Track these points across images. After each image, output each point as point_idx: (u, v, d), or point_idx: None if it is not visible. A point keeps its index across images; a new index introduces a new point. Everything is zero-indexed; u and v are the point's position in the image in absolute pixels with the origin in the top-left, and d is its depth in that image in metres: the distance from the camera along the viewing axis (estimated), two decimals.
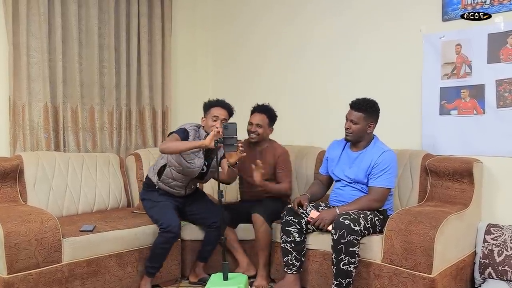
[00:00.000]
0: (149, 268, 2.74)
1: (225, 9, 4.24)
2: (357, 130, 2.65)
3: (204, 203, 3.00)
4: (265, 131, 3.12)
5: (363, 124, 2.64)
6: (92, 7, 3.51)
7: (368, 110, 2.64)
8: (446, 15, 2.92)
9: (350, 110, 2.68)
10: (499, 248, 2.60)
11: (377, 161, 2.60)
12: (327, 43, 3.53)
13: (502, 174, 2.76)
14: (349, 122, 2.67)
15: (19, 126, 3.21)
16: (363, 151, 2.70)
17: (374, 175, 2.61)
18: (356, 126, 2.64)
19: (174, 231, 2.69)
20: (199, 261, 2.97)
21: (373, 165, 2.61)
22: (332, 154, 2.84)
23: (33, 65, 3.24)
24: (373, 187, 2.61)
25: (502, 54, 2.72)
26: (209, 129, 2.75)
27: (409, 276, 2.33)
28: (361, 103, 2.65)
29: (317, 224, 2.58)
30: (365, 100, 2.67)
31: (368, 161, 2.64)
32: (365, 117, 2.63)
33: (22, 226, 2.35)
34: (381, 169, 2.59)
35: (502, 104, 2.73)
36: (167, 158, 2.81)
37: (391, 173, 2.60)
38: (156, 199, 2.85)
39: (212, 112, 2.80)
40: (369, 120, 2.65)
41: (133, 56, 3.77)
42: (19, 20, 3.15)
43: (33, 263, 2.36)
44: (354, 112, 2.65)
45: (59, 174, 3.08)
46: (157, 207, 2.82)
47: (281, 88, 3.80)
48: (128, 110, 3.79)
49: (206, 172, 2.87)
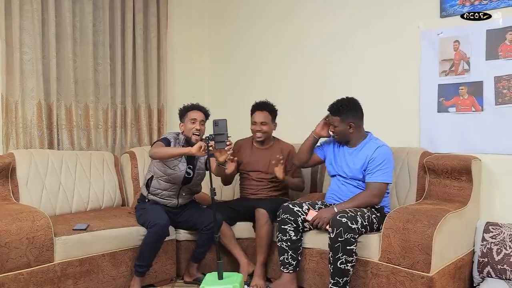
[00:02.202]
0: (137, 267, 2.69)
1: (222, 6, 4.21)
2: (340, 133, 2.68)
3: (195, 209, 2.99)
4: (270, 128, 3.11)
5: (343, 126, 2.66)
6: (86, 3, 3.47)
7: (343, 112, 2.64)
8: (444, 12, 2.89)
9: (329, 115, 2.72)
10: (498, 247, 2.57)
11: (372, 156, 2.59)
12: (324, 40, 3.49)
13: (500, 172, 2.73)
14: (331, 126, 2.72)
15: (12, 124, 3.16)
16: (358, 147, 2.69)
17: (370, 171, 2.59)
18: (337, 129, 2.68)
19: (162, 224, 2.67)
20: (192, 262, 2.93)
21: (369, 161, 2.60)
22: (330, 146, 2.84)
23: (26, 62, 3.20)
24: (371, 182, 2.59)
25: (501, 51, 2.69)
26: (189, 132, 2.86)
27: (407, 275, 2.30)
28: (336, 106, 2.67)
29: (315, 223, 2.55)
30: (340, 102, 2.67)
31: (363, 157, 2.63)
32: (341, 119, 2.65)
33: (13, 225, 2.31)
34: (377, 164, 2.57)
35: (500, 101, 2.70)
36: (153, 170, 2.87)
37: (388, 168, 2.59)
38: (146, 207, 2.88)
39: (189, 116, 2.89)
40: (347, 121, 2.65)
41: (129, 53, 3.73)
42: (12, 16, 3.10)
43: (24, 263, 2.32)
44: (332, 117, 2.69)
45: (52, 172, 3.04)
46: (145, 212, 2.82)
47: (278, 85, 3.77)
48: (124, 108, 3.75)
49: (192, 176, 2.89)
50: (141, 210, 2.88)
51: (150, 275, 2.80)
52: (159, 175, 2.85)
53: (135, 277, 2.71)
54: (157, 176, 2.86)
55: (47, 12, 3.26)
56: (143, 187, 2.96)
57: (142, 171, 3.40)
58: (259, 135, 3.08)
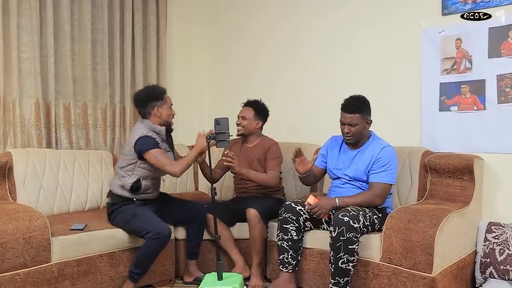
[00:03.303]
0: (133, 274, 2.59)
1: (221, 5, 4.18)
2: (357, 132, 2.58)
3: (177, 204, 2.92)
4: (250, 123, 3.08)
5: (362, 124, 2.58)
6: (85, 2, 3.44)
7: (363, 107, 2.58)
8: (446, 9, 2.86)
9: (344, 113, 2.58)
10: (500, 247, 2.54)
11: (378, 156, 2.55)
12: (323, 38, 3.47)
13: (503, 171, 2.70)
14: (347, 126, 2.57)
15: (9, 123, 3.13)
16: (362, 148, 2.64)
17: (375, 171, 2.55)
18: (356, 128, 2.57)
19: (167, 233, 2.58)
20: (189, 259, 2.89)
21: (374, 161, 2.55)
22: (331, 151, 2.78)
23: (24, 60, 3.17)
24: (375, 182, 2.54)
25: (504, 49, 2.66)
26: (168, 117, 2.76)
27: (408, 276, 2.27)
28: (353, 103, 2.57)
29: (314, 211, 2.50)
30: (356, 99, 2.60)
31: (368, 157, 2.58)
32: (361, 116, 2.56)
33: (9, 225, 2.27)
34: (382, 164, 2.53)
35: (503, 99, 2.67)
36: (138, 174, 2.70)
37: (392, 169, 2.55)
38: (134, 211, 2.68)
39: (168, 100, 2.78)
40: (366, 117, 2.60)
41: (127, 52, 3.70)
42: (10, 14, 3.08)
43: (20, 263, 2.28)
44: (349, 115, 2.56)
45: (50, 172, 3.01)
46: (136, 218, 2.64)
47: (277, 84, 3.74)
48: (122, 107, 3.73)
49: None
50: (125, 215, 2.67)
51: (148, 275, 2.76)
52: (145, 175, 2.71)
53: (128, 281, 2.61)
54: (145, 177, 2.72)
55: (45, 10, 3.24)
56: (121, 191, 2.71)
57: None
58: (238, 128, 3.10)
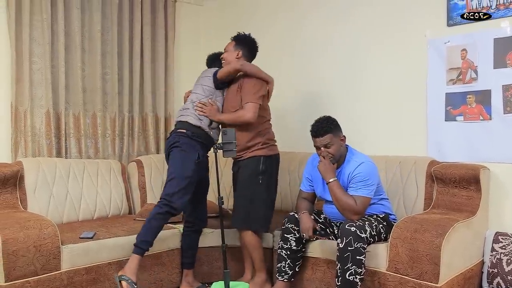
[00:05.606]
0: (142, 244, 2.44)
1: (229, 18, 4.22)
2: (336, 150, 2.54)
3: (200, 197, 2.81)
4: (230, 55, 2.92)
5: (337, 142, 2.55)
6: (95, 14, 3.52)
7: (332, 126, 2.54)
8: (451, 20, 2.89)
9: (316, 139, 2.56)
10: (507, 257, 2.53)
11: (354, 173, 2.51)
12: (331, 50, 3.50)
13: (509, 181, 2.70)
14: (323, 149, 2.54)
15: (20, 133, 3.19)
16: (340, 168, 2.60)
17: (352, 187, 2.50)
18: (333, 148, 2.53)
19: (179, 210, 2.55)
20: (187, 268, 2.86)
21: (351, 179, 2.52)
22: (313, 175, 2.74)
23: (36, 71, 3.24)
24: (355, 195, 2.48)
25: (509, 59, 2.68)
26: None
27: (415, 286, 2.27)
28: (321, 125, 2.54)
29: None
30: (322, 121, 2.57)
31: (346, 176, 2.55)
32: (333, 135, 2.54)
33: (20, 233, 2.31)
34: (359, 180, 2.48)
35: (509, 109, 2.68)
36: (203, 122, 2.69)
37: (371, 184, 2.49)
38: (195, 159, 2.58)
39: None
40: (338, 134, 2.57)
41: (136, 63, 3.77)
42: (22, 26, 3.16)
43: (31, 271, 2.32)
44: (321, 138, 2.53)
45: (59, 181, 3.06)
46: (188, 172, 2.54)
47: (286, 95, 3.76)
48: (131, 117, 3.78)
49: None
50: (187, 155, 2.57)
51: (155, 284, 2.79)
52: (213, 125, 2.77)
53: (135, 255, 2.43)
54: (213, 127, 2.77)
55: (56, 22, 3.31)
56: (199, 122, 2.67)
57: (149, 179, 3.41)
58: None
